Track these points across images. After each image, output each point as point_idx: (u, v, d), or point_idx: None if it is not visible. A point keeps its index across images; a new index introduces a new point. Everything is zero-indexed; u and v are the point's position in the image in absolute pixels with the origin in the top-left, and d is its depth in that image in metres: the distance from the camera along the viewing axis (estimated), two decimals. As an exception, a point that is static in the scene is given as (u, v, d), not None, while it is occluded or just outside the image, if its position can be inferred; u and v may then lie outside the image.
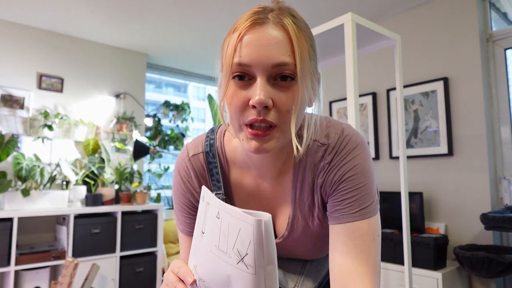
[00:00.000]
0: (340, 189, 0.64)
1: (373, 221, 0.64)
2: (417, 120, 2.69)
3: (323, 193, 0.67)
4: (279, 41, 0.56)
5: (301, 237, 0.70)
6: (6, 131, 2.88)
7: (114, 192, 3.14)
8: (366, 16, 2.92)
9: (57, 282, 2.20)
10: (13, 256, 2.47)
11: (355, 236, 0.62)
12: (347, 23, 1.40)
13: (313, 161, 0.66)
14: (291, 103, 0.56)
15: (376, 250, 0.63)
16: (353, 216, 0.62)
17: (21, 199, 2.61)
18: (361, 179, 0.64)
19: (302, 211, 0.69)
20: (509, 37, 2.43)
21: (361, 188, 0.64)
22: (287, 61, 0.55)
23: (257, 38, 0.56)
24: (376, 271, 0.62)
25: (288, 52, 0.56)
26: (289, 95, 0.56)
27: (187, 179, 0.72)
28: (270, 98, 0.55)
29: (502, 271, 1.99)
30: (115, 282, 2.88)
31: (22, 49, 3.05)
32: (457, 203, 2.47)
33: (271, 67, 0.55)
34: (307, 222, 0.69)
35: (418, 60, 2.73)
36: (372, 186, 0.66)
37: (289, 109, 0.56)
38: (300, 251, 0.73)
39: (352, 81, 1.37)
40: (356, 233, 0.62)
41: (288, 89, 0.56)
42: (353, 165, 0.64)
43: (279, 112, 0.56)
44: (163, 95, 4.58)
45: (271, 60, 0.55)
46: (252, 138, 0.57)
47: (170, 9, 2.82)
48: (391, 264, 2.34)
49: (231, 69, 0.57)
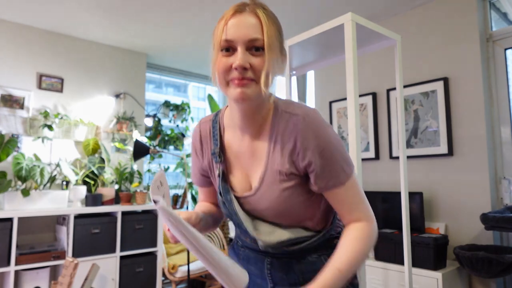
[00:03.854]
0: (322, 164, 0.81)
1: (352, 179, 0.83)
2: (417, 120, 2.69)
3: (294, 158, 0.83)
4: (253, 24, 0.79)
5: (268, 191, 0.86)
6: (6, 131, 2.88)
7: (114, 192, 3.14)
8: (366, 16, 2.92)
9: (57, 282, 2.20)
10: (13, 256, 2.47)
11: (343, 197, 0.83)
12: (347, 23, 1.40)
13: (287, 127, 0.83)
14: (262, 65, 0.78)
15: (359, 192, 0.84)
16: (337, 182, 0.82)
17: (21, 199, 2.61)
18: (333, 149, 0.82)
19: (272, 168, 0.85)
20: (509, 37, 2.43)
21: (336, 156, 0.81)
22: (259, 37, 0.78)
23: (238, 22, 0.79)
24: (363, 201, 0.84)
25: (259, 32, 0.78)
26: (260, 60, 0.78)
27: (194, 140, 1.00)
28: (247, 62, 0.77)
29: (502, 271, 1.99)
30: (115, 282, 2.88)
31: (22, 49, 3.05)
32: (457, 203, 2.47)
33: (247, 41, 0.78)
34: (275, 178, 0.85)
35: (418, 60, 2.73)
36: (343, 151, 0.83)
37: (260, 69, 0.78)
38: (265, 207, 0.87)
39: (352, 81, 1.37)
40: (343, 193, 0.83)
41: (259, 56, 0.79)
42: (324, 136, 0.81)
43: (254, 71, 0.78)
44: (163, 95, 4.58)
45: (247, 36, 0.78)
46: (236, 87, 0.78)
47: (170, 9, 2.82)
48: (391, 264, 2.34)
49: (220, 45, 0.79)
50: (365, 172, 2.99)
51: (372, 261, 2.44)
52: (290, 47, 1.72)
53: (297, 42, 1.65)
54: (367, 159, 2.99)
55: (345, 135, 3.16)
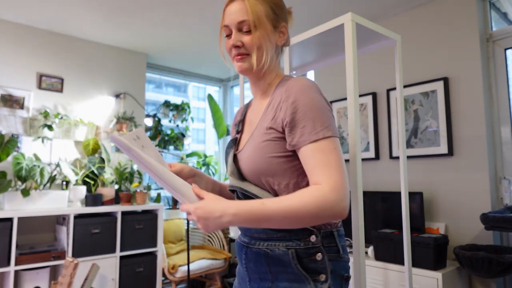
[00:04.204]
0: (296, 118, 0.87)
1: (325, 142, 0.84)
2: (417, 120, 2.69)
3: (277, 112, 0.91)
4: (240, 8, 0.95)
5: (250, 146, 0.95)
6: (6, 131, 2.88)
7: (114, 192, 3.14)
8: (366, 16, 2.92)
9: (57, 282, 2.20)
10: (13, 256, 2.47)
11: (309, 157, 0.84)
12: (347, 23, 1.40)
13: (282, 89, 0.94)
14: (251, 41, 0.95)
15: (331, 158, 0.82)
16: (306, 140, 0.85)
17: (21, 199, 2.61)
18: (309, 108, 0.86)
19: (261, 125, 0.95)
20: (509, 37, 2.43)
21: (310, 115, 0.86)
22: (245, 19, 0.94)
23: (229, 9, 0.97)
24: (332, 167, 0.81)
25: (245, 15, 0.94)
26: (249, 37, 0.95)
27: (234, 120, 1.16)
28: (238, 40, 0.95)
29: (502, 271, 1.99)
30: (115, 282, 2.88)
31: (22, 49, 3.05)
32: (457, 203, 2.47)
33: (237, 24, 0.95)
34: (260, 133, 0.94)
35: (418, 60, 2.73)
36: (321, 114, 0.86)
37: (250, 45, 0.95)
38: (245, 162, 0.95)
39: (352, 81, 1.37)
40: (310, 153, 0.84)
41: (249, 35, 0.95)
42: (306, 95, 0.88)
43: (246, 47, 0.96)
44: (163, 95, 4.58)
45: (236, 20, 0.95)
46: (237, 62, 0.98)
47: (170, 9, 2.81)
48: (391, 264, 2.34)
49: (222, 30, 1.00)
50: (365, 172, 2.99)
51: (372, 261, 2.44)
52: (290, 47, 1.72)
53: (297, 42, 1.65)
54: (367, 159, 2.99)
55: (345, 135, 3.16)
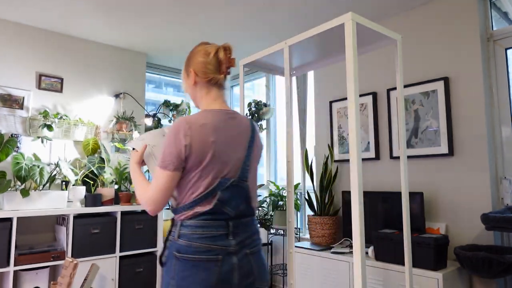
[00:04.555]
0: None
1: (158, 169, 1.18)
2: (417, 120, 2.69)
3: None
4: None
5: None
6: (6, 131, 2.88)
7: (114, 192, 3.13)
8: (367, 16, 2.91)
9: (57, 282, 2.20)
10: (12, 256, 2.47)
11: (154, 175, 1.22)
12: (347, 23, 1.39)
13: None
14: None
15: (154, 181, 1.18)
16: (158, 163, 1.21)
17: (21, 199, 2.61)
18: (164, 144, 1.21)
19: None
20: (509, 36, 2.43)
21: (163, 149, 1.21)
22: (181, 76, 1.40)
23: None
24: (150, 187, 1.19)
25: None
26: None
27: None
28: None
29: (502, 271, 1.99)
30: (115, 282, 2.87)
31: (22, 49, 3.04)
32: (458, 203, 2.47)
33: None
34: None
35: (418, 60, 2.73)
36: (164, 148, 1.18)
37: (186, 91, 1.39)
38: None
39: (352, 81, 1.36)
40: (155, 173, 1.20)
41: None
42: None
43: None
44: (163, 94, 4.58)
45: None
46: None
47: (170, 9, 2.81)
48: (391, 264, 2.33)
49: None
50: (366, 172, 2.98)
51: (373, 261, 2.43)
52: (290, 47, 1.71)
53: (297, 42, 1.65)
54: (367, 159, 2.98)
55: (345, 135, 3.15)
